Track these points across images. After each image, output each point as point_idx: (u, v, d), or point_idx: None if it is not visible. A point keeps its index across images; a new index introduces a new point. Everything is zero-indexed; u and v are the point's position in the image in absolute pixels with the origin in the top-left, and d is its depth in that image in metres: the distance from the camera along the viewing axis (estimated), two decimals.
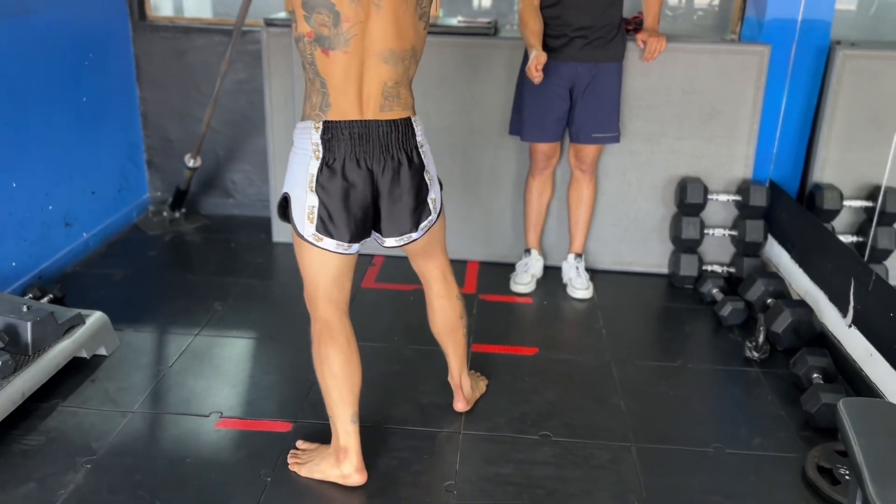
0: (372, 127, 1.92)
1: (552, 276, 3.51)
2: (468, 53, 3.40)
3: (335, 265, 2.03)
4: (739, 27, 3.67)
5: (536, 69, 2.83)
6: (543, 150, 3.24)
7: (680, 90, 3.35)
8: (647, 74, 3.32)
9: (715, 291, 3.29)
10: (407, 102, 1.98)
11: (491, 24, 3.51)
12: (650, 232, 3.57)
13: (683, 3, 4.08)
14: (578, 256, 3.44)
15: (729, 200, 3.47)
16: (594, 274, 3.53)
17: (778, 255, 3.42)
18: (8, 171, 3.07)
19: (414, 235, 2.08)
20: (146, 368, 2.71)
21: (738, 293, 3.23)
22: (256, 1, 3.55)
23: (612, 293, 3.42)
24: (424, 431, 2.43)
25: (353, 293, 3.28)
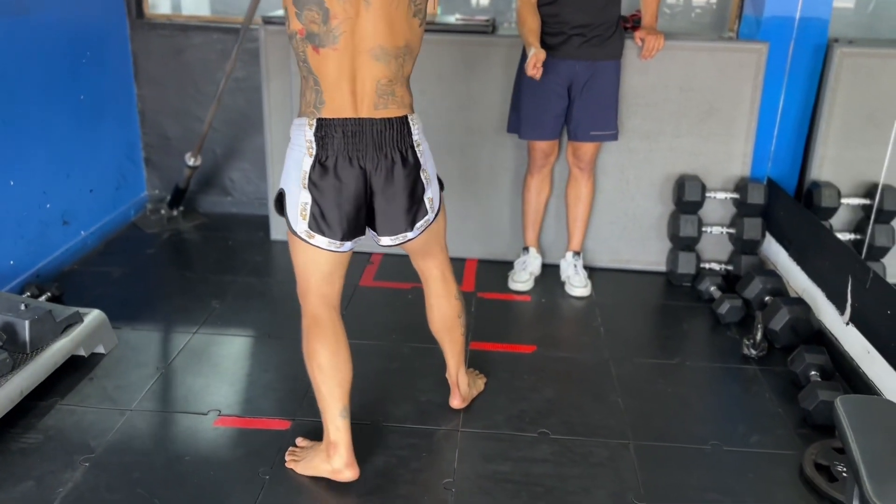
0: (366, 125, 1.91)
1: (550, 273, 3.51)
2: (466, 51, 3.40)
3: (326, 262, 2.03)
4: (737, 25, 3.67)
5: (535, 66, 2.83)
6: (542, 148, 3.24)
7: (678, 88, 3.35)
8: (645, 72, 3.33)
9: (713, 289, 3.29)
10: (403, 100, 1.96)
11: (489, 22, 3.51)
12: (648, 230, 3.57)
13: (681, 0, 4.07)
14: (577, 254, 3.44)
15: (727, 198, 3.48)
16: (592, 272, 3.53)
17: (776, 252, 3.43)
18: (6, 169, 3.07)
19: (409, 235, 2.06)
20: (144, 366, 2.71)
21: (735, 291, 3.23)
22: None
23: (610, 291, 3.42)
24: (423, 429, 2.43)
25: (351, 291, 3.32)
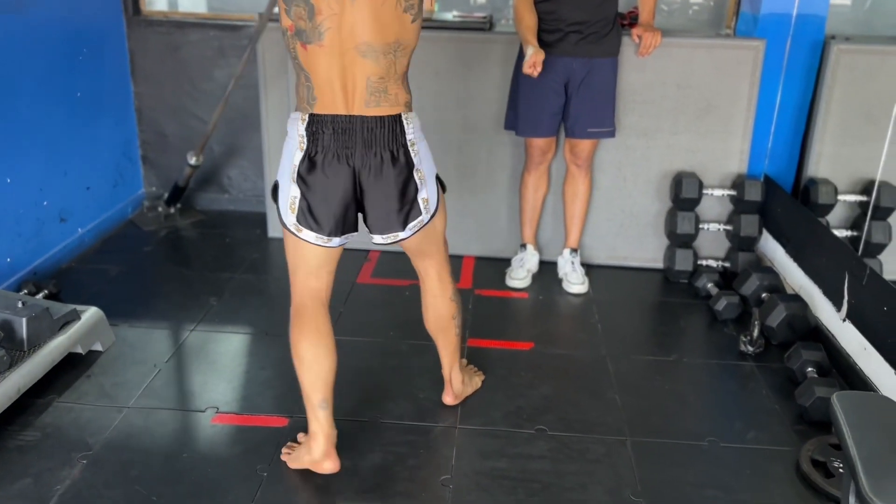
0: (356, 122, 1.90)
1: (548, 270, 3.51)
2: (463, 48, 3.39)
3: (314, 256, 2.04)
4: (734, 22, 3.67)
5: (534, 66, 2.83)
6: (539, 145, 3.24)
7: (675, 85, 3.35)
8: (642, 69, 3.33)
9: (710, 286, 3.29)
10: (398, 99, 1.93)
11: (486, 18, 3.51)
12: (645, 227, 3.57)
13: None
14: (574, 251, 3.44)
15: (724, 195, 3.48)
16: (589, 269, 3.53)
17: (773, 249, 3.43)
18: (2, 166, 3.06)
19: (401, 235, 2.04)
20: (142, 364, 2.71)
21: (732, 288, 3.24)
22: None
23: (607, 288, 3.42)
24: (420, 426, 2.43)
25: (348, 288, 3.32)
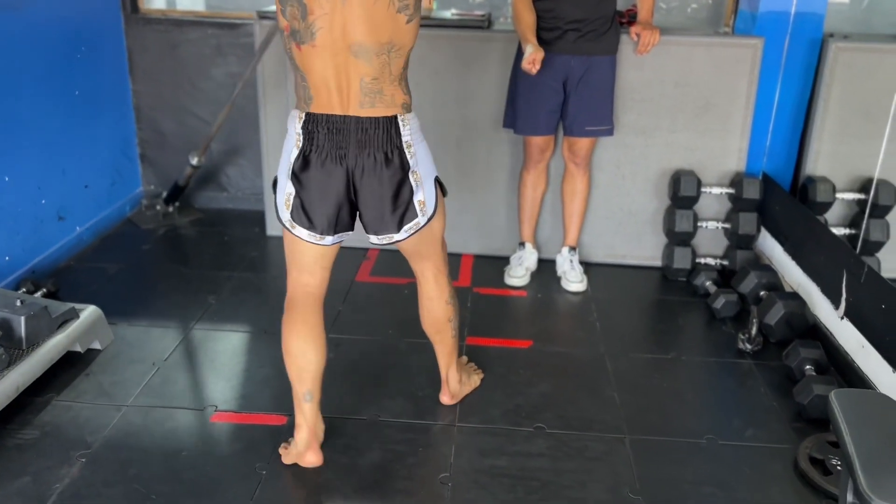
0: (350, 123, 1.90)
1: (546, 269, 3.51)
2: (462, 46, 3.39)
3: (307, 253, 2.06)
4: (733, 20, 3.67)
5: (533, 63, 2.83)
6: (537, 143, 3.25)
7: (673, 83, 3.35)
8: (640, 67, 3.33)
9: (708, 284, 3.30)
10: (393, 100, 1.92)
11: (485, 16, 3.50)
12: (644, 225, 3.57)
13: None
14: (572, 249, 3.44)
15: (722, 193, 3.48)
16: (588, 267, 3.54)
17: (771, 247, 3.43)
18: (0, 165, 3.06)
19: (395, 237, 2.04)
20: (141, 362, 2.71)
21: (731, 286, 3.24)
22: None
23: (605, 286, 3.43)
24: (419, 424, 2.43)
25: (347, 287, 3.32)
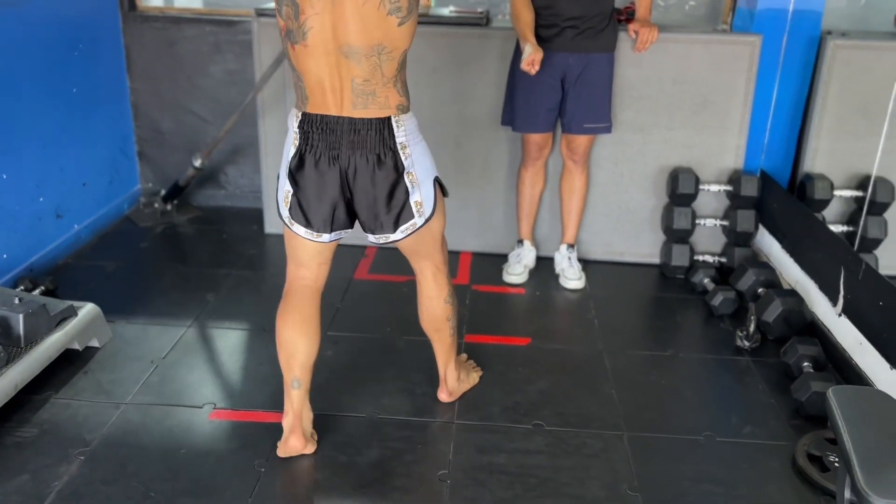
0: (344, 124, 1.90)
1: (545, 266, 3.51)
2: (460, 44, 3.39)
3: (305, 249, 2.08)
4: (731, 17, 3.67)
5: (532, 64, 2.82)
6: (535, 140, 3.24)
7: (671, 80, 3.35)
8: (638, 65, 3.33)
9: (706, 281, 3.30)
10: (387, 101, 1.91)
11: (483, 14, 3.50)
12: (642, 222, 3.58)
13: None
14: (571, 247, 3.45)
15: (720, 190, 3.49)
16: (586, 264, 3.54)
17: (769, 244, 3.44)
18: None
19: (392, 237, 2.05)
20: (139, 360, 2.71)
21: (729, 283, 3.25)
22: None
23: (604, 283, 3.43)
24: (417, 421, 2.43)
25: (345, 284, 3.32)
